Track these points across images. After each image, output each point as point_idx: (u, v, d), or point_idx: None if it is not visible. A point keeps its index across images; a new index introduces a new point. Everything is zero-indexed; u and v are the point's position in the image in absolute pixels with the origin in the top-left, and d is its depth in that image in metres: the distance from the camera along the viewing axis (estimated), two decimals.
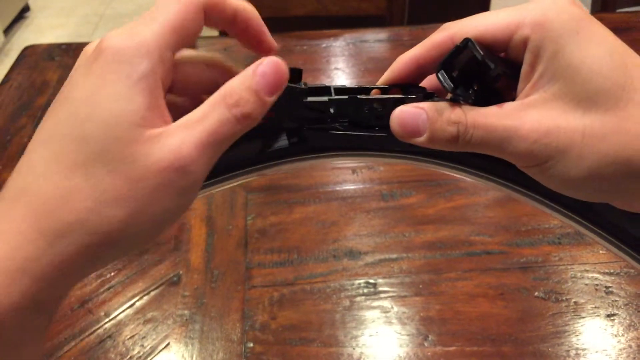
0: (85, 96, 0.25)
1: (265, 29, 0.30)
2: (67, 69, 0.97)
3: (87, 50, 0.27)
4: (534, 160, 0.26)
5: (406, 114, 0.28)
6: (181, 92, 0.30)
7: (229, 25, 0.30)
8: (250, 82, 0.26)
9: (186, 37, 0.28)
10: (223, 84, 0.27)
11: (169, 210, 0.26)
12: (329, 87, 0.30)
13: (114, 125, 0.24)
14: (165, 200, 0.25)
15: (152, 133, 0.25)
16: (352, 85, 0.30)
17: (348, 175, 0.74)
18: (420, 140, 0.28)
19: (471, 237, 0.65)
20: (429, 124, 0.28)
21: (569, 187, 0.27)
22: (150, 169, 0.25)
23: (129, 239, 0.25)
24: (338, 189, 0.72)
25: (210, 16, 0.29)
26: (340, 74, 0.95)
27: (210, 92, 0.28)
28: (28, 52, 1.03)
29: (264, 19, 0.30)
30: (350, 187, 0.72)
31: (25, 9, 2.95)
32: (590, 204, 0.29)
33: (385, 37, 1.06)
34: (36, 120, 0.85)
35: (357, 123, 0.30)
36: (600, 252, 0.63)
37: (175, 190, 0.25)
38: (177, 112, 0.27)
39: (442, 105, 0.28)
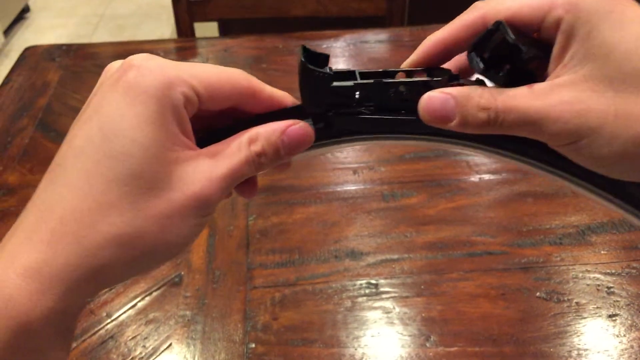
0: (115, 113, 0.26)
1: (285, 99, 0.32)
2: (67, 70, 0.97)
3: (111, 67, 0.29)
4: (566, 140, 0.26)
5: (435, 100, 0.28)
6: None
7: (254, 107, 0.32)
8: (276, 139, 0.29)
9: (215, 98, 0.29)
10: (246, 103, 0.30)
11: (191, 231, 0.28)
12: (354, 72, 0.30)
13: (148, 146, 0.26)
14: (190, 220, 0.27)
15: (184, 156, 0.27)
16: (377, 69, 0.30)
17: (349, 175, 0.74)
18: (451, 125, 0.28)
19: (472, 238, 0.65)
20: (457, 110, 0.27)
21: (602, 165, 0.27)
22: (183, 191, 0.27)
23: (158, 253, 0.27)
24: (339, 189, 0.72)
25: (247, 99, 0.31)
26: None
27: (227, 109, 0.30)
28: (28, 53, 1.03)
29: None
30: (351, 187, 0.72)
31: (25, 9, 2.95)
32: (624, 183, 0.29)
33: (386, 38, 1.06)
34: (37, 121, 0.85)
35: (383, 107, 0.30)
36: (602, 252, 0.63)
37: (199, 212, 0.27)
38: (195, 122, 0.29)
39: (471, 90, 0.27)
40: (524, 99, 0.26)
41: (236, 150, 0.28)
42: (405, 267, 0.62)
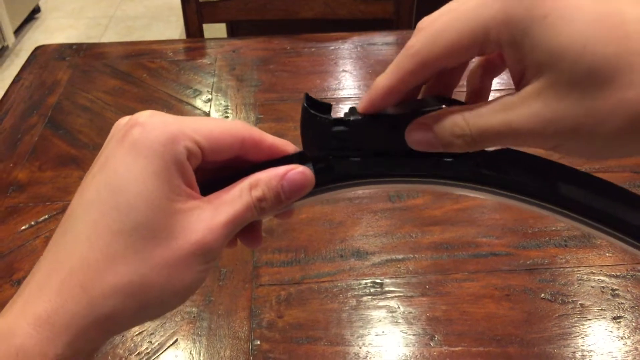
0: (122, 168, 0.28)
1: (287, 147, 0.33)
2: (77, 69, 0.98)
3: (119, 123, 0.30)
4: (549, 145, 0.26)
5: (415, 135, 0.28)
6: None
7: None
8: (276, 184, 0.30)
9: (218, 150, 0.30)
10: (248, 153, 0.31)
11: (196, 277, 0.29)
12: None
13: (152, 198, 0.27)
14: (195, 267, 0.28)
15: (187, 206, 0.28)
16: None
17: None
18: (439, 150, 0.28)
19: (477, 239, 0.65)
20: (439, 139, 0.28)
21: (591, 157, 0.27)
22: (186, 239, 0.28)
23: (164, 301, 0.28)
24: None
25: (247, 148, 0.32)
26: (348, 77, 0.96)
27: (231, 159, 0.31)
28: (39, 52, 1.04)
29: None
30: None
31: (36, 10, 2.97)
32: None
33: (393, 40, 1.06)
34: (46, 119, 0.86)
35: (381, 152, 0.31)
36: (607, 254, 0.63)
37: (202, 259, 0.28)
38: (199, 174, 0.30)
39: (446, 116, 0.27)
40: (493, 116, 0.26)
41: (237, 196, 0.29)
42: (411, 267, 0.62)
